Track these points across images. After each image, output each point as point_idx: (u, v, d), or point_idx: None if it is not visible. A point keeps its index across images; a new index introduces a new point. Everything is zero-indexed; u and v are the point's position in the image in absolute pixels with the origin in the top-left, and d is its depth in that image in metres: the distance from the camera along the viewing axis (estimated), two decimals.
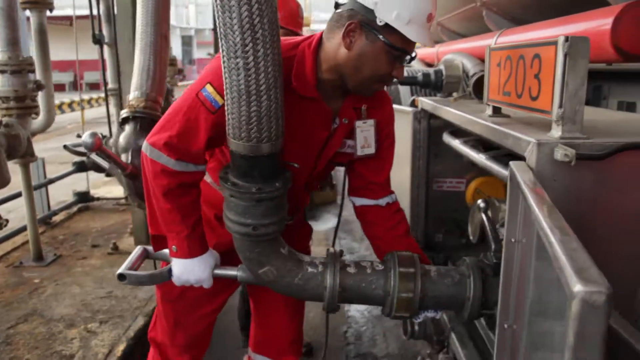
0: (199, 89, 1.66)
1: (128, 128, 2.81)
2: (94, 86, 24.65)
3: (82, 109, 9.96)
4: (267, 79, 1.46)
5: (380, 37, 1.59)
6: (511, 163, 1.44)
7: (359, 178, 2.06)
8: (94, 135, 2.35)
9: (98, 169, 5.51)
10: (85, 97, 18.88)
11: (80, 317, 3.42)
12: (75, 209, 5.93)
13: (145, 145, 1.73)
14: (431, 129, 3.04)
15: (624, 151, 1.40)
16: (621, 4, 1.98)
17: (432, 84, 2.92)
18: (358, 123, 1.88)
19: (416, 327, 2.73)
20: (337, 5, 1.69)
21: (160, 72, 2.86)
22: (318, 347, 3.44)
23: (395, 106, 3.39)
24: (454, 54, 3.63)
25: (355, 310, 4.05)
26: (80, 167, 5.37)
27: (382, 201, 2.05)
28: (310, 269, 1.84)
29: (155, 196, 1.75)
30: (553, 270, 1.38)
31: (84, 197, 6.04)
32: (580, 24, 2.20)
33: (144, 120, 2.80)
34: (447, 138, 2.67)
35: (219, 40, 1.48)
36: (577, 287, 0.78)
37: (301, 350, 2.47)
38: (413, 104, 3.18)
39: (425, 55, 5.17)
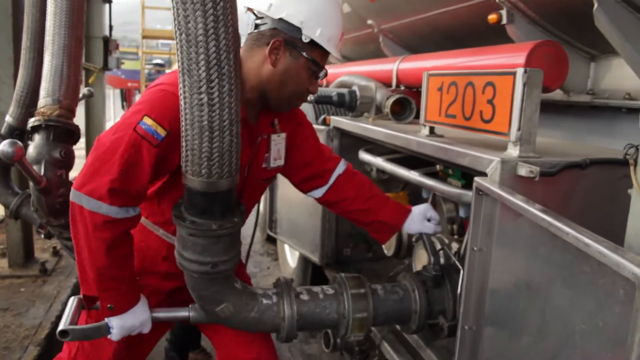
0: (135, 122, 1.59)
1: (39, 138, 2.55)
2: None
3: None
4: (231, 114, 1.46)
5: (304, 53, 1.73)
6: (477, 178, 1.61)
7: (303, 173, 2.15)
8: (14, 144, 2.11)
9: None
10: None
11: None
12: None
13: (76, 195, 1.57)
14: (342, 147, 3.18)
15: (567, 168, 1.63)
16: (532, 42, 2.28)
17: (347, 104, 3.05)
18: (273, 137, 1.97)
19: (338, 340, 2.84)
20: (256, 26, 1.77)
21: (75, 78, 2.66)
22: None
23: None
24: (351, 76, 3.83)
25: None
26: None
27: (333, 177, 2.15)
28: (265, 301, 1.86)
29: (93, 252, 1.60)
30: (509, 275, 1.56)
31: None
32: (493, 55, 2.48)
33: (57, 129, 2.58)
34: (366, 156, 2.82)
35: (180, 75, 1.43)
36: None
37: None
38: (324, 122, 3.30)
39: None
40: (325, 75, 1.86)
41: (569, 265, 1.15)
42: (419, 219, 2.14)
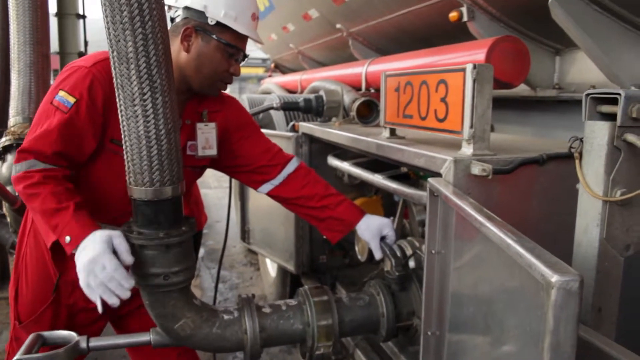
0: (52, 98, 1.75)
1: (11, 157, 2.55)
2: None
3: None
4: (167, 123, 1.52)
5: (214, 36, 1.85)
6: (430, 179, 1.55)
7: (249, 168, 2.17)
8: None
9: None
10: None
11: None
12: None
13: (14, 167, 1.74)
14: (312, 153, 3.13)
15: (523, 165, 1.58)
16: (492, 38, 2.24)
17: (314, 110, 3.01)
18: (199, 125, 2.03)
19: (316, 352, 2.78)
20: (172, 20, 1.93)
21: (44, 94, 2.64)
22: None
23: (275, 132, 3.45)
24: (322, 81, 3.79)
25: None
26: None
27: (284, 173, 2.16)
28: (226, 317, 1.83)
29: (28, 199, 1.69)
30: (468, 278, 1.51)
31: None
32: (454, 54, 2.44)
33: None
34: (334, 161, 2.77)
35: (115, 89, 1.50)
36: (555, 278, 0.87)
37: None
38: (293, 128, 3.25)
39: (288, 82, 5.32)
40: (246, 57, 1.95)
41: (503, 266, 1.11)
42: (374, 230, 2.10)
